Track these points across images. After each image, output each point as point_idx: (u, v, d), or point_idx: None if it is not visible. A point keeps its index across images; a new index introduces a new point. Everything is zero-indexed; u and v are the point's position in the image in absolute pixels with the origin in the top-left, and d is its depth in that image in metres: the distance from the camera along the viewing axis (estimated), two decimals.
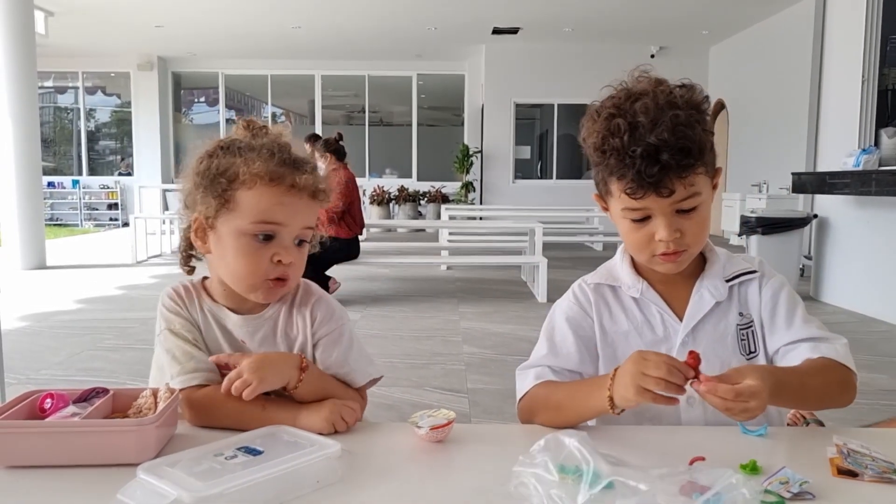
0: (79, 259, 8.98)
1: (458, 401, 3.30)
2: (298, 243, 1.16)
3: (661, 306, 1.22)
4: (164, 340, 1.18)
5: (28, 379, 3.71)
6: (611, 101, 1.12)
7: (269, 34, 12.19)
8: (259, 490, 0.83)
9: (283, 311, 1.21)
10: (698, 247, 1.18)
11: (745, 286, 1.22)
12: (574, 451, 0.80)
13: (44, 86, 14.87)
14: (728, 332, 1.20)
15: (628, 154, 1.06)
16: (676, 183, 1.07)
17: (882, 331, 5.05)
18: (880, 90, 5.91)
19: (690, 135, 1.07)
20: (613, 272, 1.28)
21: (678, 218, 1.12)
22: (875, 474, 0.92)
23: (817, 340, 1.15)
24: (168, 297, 1.21)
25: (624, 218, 1.15)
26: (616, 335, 1.23)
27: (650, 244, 1.14)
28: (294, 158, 1.14)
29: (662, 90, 1.10)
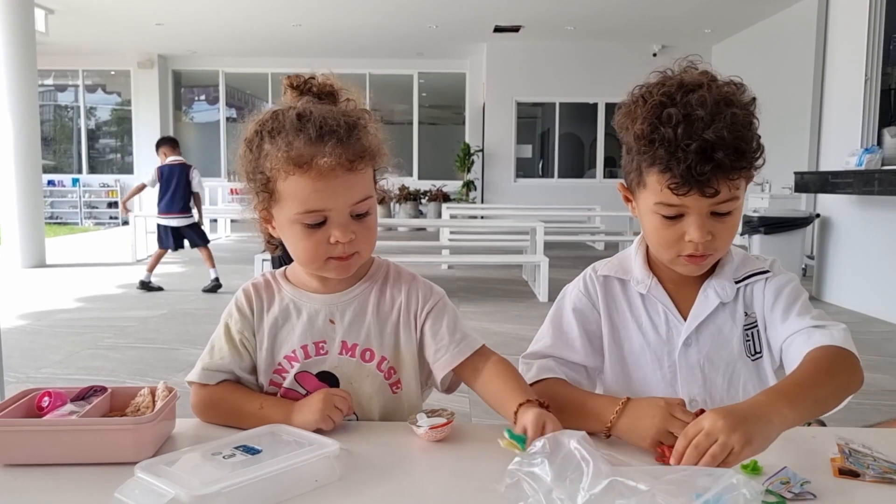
0: (79, 257, 8.98)
1: (459, 400, 3.29)
2: (358, 216, 1.09)
3: (667, 305, 1.19)
4: (219, 327, 1.19)
5: (28, 378, 3.71)
6: (660, 88, 1.06)
7: (270, 32, 12.18)
8: (257, 489, 0.83)
9: (375, 289, 1.18)
10: (724, 251, 1.15)
11: (752, 286, 1.19)
12: (573, 451, 0.80)
13: (44, 84, 14.87)
14: (734, 334, 1.17)
15: (681, 147, 1.00)
16: (723, 184, 1.03)
17: (885, 331, 5.04)
18: (883, 89, 5.89)
19: (748, 136, 1.03)
20: (625, 264, 1.24)
21: (711, 220, 1.07)
22: (876, 475, 0.92)
23: (812, 329, 1.10)
24: (243, 293, 1.19)
25: (655, 213, 1.09)
26: (623, 331, 1.21)
27: (678, 244, 1.09)
28: (320, 129, 1.03)
29: (718, 85, 1.05)
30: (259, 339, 1.17)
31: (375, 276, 1.20)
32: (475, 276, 7.52)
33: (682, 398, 1.03)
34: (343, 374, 1.15)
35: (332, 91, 1.15)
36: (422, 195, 14.00)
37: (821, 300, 6.17)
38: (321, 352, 1.15)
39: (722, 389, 1.16)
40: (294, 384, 1.15)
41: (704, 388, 1.17)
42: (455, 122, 15.52)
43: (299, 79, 1.14)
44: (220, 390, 1.13)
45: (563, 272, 7.05)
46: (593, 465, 0.78)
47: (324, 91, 1.14)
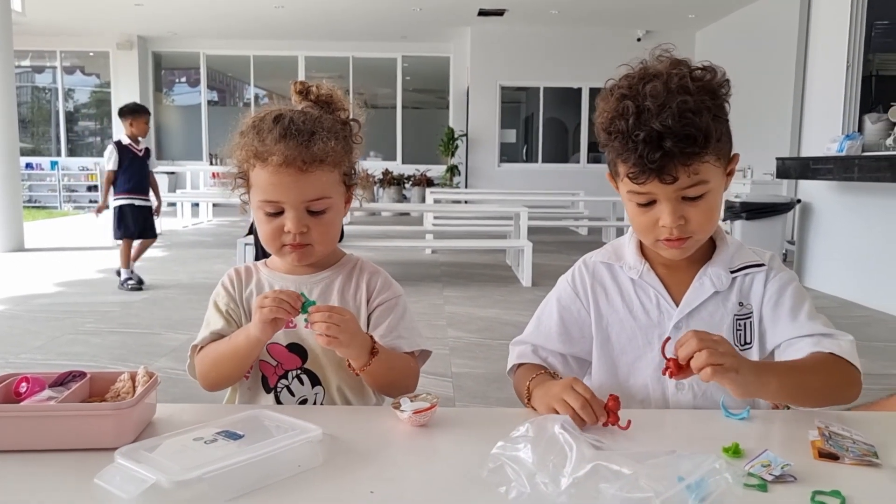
0: (58, 241, 8.87)
1: (443, 385, 3.30)
2: (314, 212, 1.20)
3: (658, 290, 1.21)
4: (209, 308, 1.30)
5: (7, 363, 3.67)
6: (625, 80, 1.10)
7: (251, 13, 12.02)
8: (239, 474, 0.82)
9: (342, 276, 1.30)
10: (704, 234, 1.16)
11: (751, 278, 1.21)
12: (557, 435, 0.80)
13: (21, 65, 14.60)
14: (724, 322, 1.19)
15: (631, 138, 1.05)
16: (680, 170, 1.06)
17: (863, 315, 5.12)
18: (864, 76, 5.94)
19: (697, 122, 1.04)
20: (619, 251, 1.27)
21: (683, 205, 1.10)
22: (855, 457, 0.93)
23: (822, 336, 1.14)
24: (226, 276, 1.33)
25: (630, 201, 1.14)
26: (611, 317, 1.24)
27: (654, 229, 1.13)
28: (285, 130, 1.17)
29: (677, 73, 1.07)
30: (241, 313, 1.29)
31: (344, 266, 1.32)
32: (459, 260, 7.52)
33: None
34: (310, 346, 1.25)
35: (331, 100, 1.27)
36: (405, 180, 13.96)
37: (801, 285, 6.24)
38: (290, 325, 1.23)
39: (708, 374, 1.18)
40: (266, 355, 1.25)
41: None
42: (439, 106, 15.45)
43: (303, 85, 1.27)
44: (208, 346, 1.25)
45: (546, 257, 7.07)
46: (577, 449, 0.79)
47: (321, 98, 1.27)
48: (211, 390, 1.26)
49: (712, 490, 0.75)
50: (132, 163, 5.88)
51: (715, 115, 1.08)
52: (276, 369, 1.25)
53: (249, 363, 1.22)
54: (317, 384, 1.25)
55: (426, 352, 1.31)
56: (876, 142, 5.47)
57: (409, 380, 1.25)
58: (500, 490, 0.79)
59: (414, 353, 1.27)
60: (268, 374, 1.26)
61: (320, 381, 1.25)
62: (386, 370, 1.18)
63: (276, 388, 1.25)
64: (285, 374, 1.25)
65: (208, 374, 1.23)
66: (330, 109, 1.26)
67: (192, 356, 1.27)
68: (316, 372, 1.25)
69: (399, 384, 1.22)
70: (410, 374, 1.25)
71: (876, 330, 4.69)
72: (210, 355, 1.23)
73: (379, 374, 1.18)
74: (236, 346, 1.18)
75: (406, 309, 1.31)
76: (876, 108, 5.79)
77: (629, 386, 1.22)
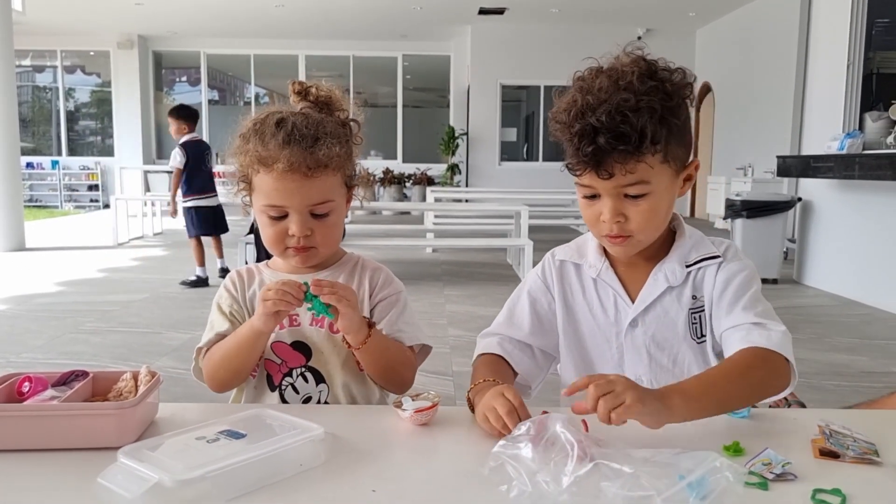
0: (59, 241, 8.87)
1: (443, 383, 3.31)
2: (317, 215, 1.21)
3: (616, 288, 1.22)
4: (213, 310, 1.31)
5: (8, 362, 3.67)
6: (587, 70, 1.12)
7: (251, 12, 12.01)
8: (241, 473, 0.82)
9: (343, 275, 1.31)
10: (646, 235, 1.15)
11: (704, 270, 1.19)
12: (558, 433, 0.80)
13: (21, 64, 14.59)
14: (679, 317, 1.19)
15: (569, 129, 1.07)
16: (616, 167, 1.06)
17: (863, 313, 5.12)
18: (865, 74, 5.93)
19: (633, 121, 1.03)
20: (583, 249, 1.28)
21: (625, 202, 1.11)
22: (856, 455, 0.93)
23: (752, 327, 1.10)
24: (228, 279, 1.34)
25: (578, 193, 1.17)
26: (578, 315, 1.26)
27: (597, 224, 1.15)
28: (288, 135, 1.17)
29: (631, 70, 1.07)
30: (245, 313, 1.29)
31: (345, 265, 1.33)
32: (460, 259, 7.53)
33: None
34: (314, 343, 1.26)
35: (329, 101, 1.27)
36: (406, 178, 13.96)
37: (801, 283, 6.24)
38: (294, 323, 1.26)
39: (667, 370, 1.19)
40: (271, 353, 1.26)
41: (650, 368, 1.20)
42: (439, 104, 15.44)
43: (302, 86, 1.27)
44: (214, 348, 1.25)
45: None
46: (578, 447, 0.79)
47: (320, 99, 1.27)
48: (219, 391, 1.27)
49: (713, 488, 0.75)
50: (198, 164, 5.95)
51: (662, 117, 1.06)
52: (280, 367, 1.26)
53: (255, 358, 1.22)
54: (321, 382, 1.26)
55: (427, 348, 1.32)
56: (877, 140, 5.47)
57: (406, 369, 1.26)
58: (502, 489, 0.79)
59: (413, 347, 1.28)
60: (272, 373, 1.26)
61: (324, 378, 1.26)
62: (382, 352, 1.20)
63: (281, 386, 1.26)
64: (290, 372, 1.26)
65: (216, 373, 1.24)
66: (329, 110, 1.27)
67: (196, 359, 1.27)
68: (320, 369, 1.26)
69: (395, 372, 1.25)
70: (407, 363, 1.26)
71: (876, 328, 4.69)
72: (216, 355, 1.23)
73: (375, 355, 1.20)
74: (241, 341, 1.19)
75: (407, 304, 1.32)
76: (877, 106, 5.78)
77: None
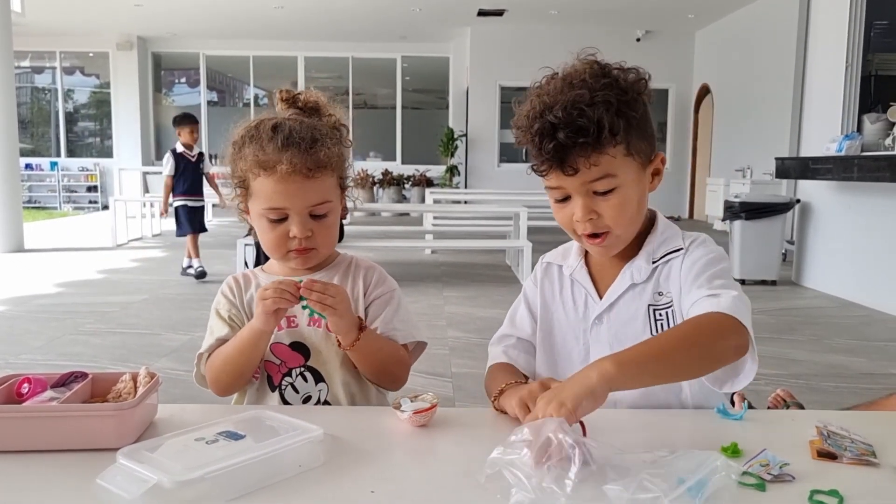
0: (58, 242, 8.87)
1: (442, 385, 3.31)
2: (316, 216, 1.23)
3: (587, 286, 1.25)
4: (211, 316, 1.33)
5: (7, 363, 3.67)
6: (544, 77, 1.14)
7: (251, 14, 12.02)
8: (241, 474, 0.82)
9: (338, 276, 1.33)
10: (623, 230, 1.16)
11: (670, 265, 1.19)
12: (558, 438, 0.80)
13: (20, 66, 14.59)
14: (639, 313, 1.19)
15: (529, 131, 1.10)
16: (580, 161, 1.08)
17: (861, 315, 5.12)
18: (864, 76, 5.94)
19: (589, 114, 1.06)
20: (567, 251, 1.32)
21: (596, 199, 1.13)
22: (854, 456, 0.93)
23: (705, 299, 1.08)
24: (225, 285, 1.36)
25: (549, 198, 1.18)
26: (554, 312, 1.29)
27: (571, 224, 1.17)
28: (286, 139, 1.19)
29: (583, 70, 1.11)
30: (243, 317, 1.32)
31: (339, 265, 1.36)
32: (459, 261, 7.53)
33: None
34: (312, 344, 1.28)
35: (317, 106, 1.31)
36: (405, 180, 13.96)
37: (800, 285, 6.25)
38: (292, 324, 1.28)
39: None
40: (270, 355, 1.28)
41: None
42: (438, 106, 15.45)
43: (289, 94, 1.31)
44: (215, 353, 1.28)
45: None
46: (579, 451, 0.79)
47: (308, 105, 1.30)
48: (223, 395, 1.29)
49: (712, 489, 0.75)
50: (186, 168, 6.45)
51: (619, 110, 1.08)
52: (279, 368, 1.28)
53: (257, 359, 1.25)
54: (320, 381, 1.28)
55: (422, 344, 1.34)
56: (875, 142, 5.47)
57: (398, 368, 1.29)
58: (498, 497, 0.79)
59: (408, 345, 1.31)
60: (272, 373, 1.28)
61: (323, 377, 1.28)
62: (374, 352, 1.23)
63: (281, 386, 1.28)
64: (289, 372, 1.28)
65: (219, 377, 1.26)
66: (318, 115, 1.30)
67: (198, 365, 1.29)
68: (319, 369, 1.28)
69: (388, 370, 1.28)
70: (400, 362, 1.28)
71: (875, 329, 4.70)
72: (218, 359, 1.26)
73: (367, 354, 1.22)
74: (242, 343, 1.22)
75: (401, 302, 1.34)
76: (875, 107, 5.80)
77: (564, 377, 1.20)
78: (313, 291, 1.14)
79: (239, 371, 1.25)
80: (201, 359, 1.29)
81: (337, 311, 1.15)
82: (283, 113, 1.29)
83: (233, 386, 1.28)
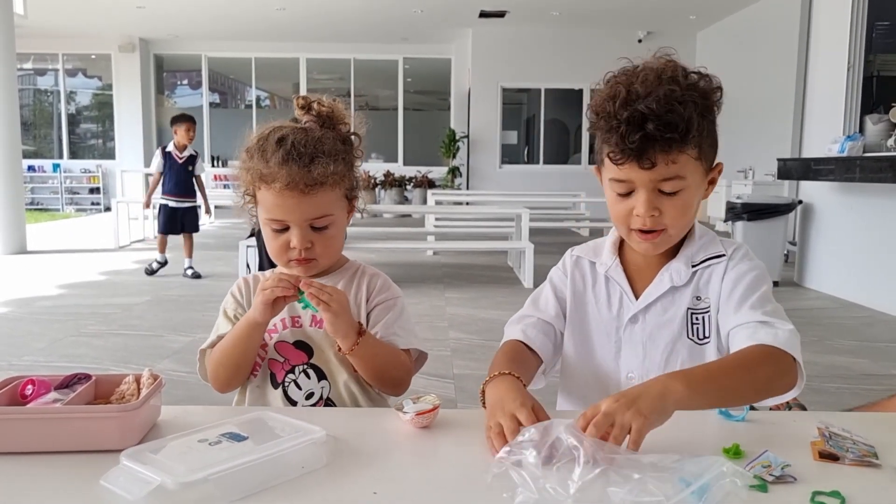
0: (60, 244, 8.88)
1: (444, 386, 3.31)
2: (317, 228, 1.26)
3: (622, 285, 1.25)
4: (219, 316, 1.36)
5: (10, 365, 3.68)
6: (622, 69, 1.14)
7: (253, 16, 12.04)
8: (244, 475, 0.83)
9: (344, 280, 1.35)
10: (677, 231, 1.18)
11: (710, 270, 1.21)
12: (563, 439, 0.80)
13: (23, 68, 14.63)
14: (677, 316, 1.21)
15: (616, 117, 1.08)
16: (659, 156, 1.08)
17: (864, 316, 5.12)
18: (866, 77, 5.94)
19: (680, 111, 1.07)
20: (599, 248, 1.32)
21: (660, 197, 1.13)
22: (855, 457, 0.93)
23: (758, 325, 1.11)
24: (235, 286, 1.39)
25: (610, 188, 1.17)
26: (585, 307, 1.29)
27: (629, 218, 1.16)
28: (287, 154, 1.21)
29: (671, 67, 1.12)
30: None
31: (347, 271, 1.38)
32: (460, 262, 7.53)
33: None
34: (315, 342, 1.31)
35: (331, 115, 1.31)
36: (407, 181, 13.97)
37: (802, 286, 6.24)
38: (296, 325, 1.31)
39: (658, 368, 1.20)
40: (274, 353, 1.31)
41: (643, 364, 1.22)
42: (440, 107, 15.46)
43: (306, 100, 1.31)
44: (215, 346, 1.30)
45: (548, 258, 7.05)
46: (583, 453, 0.79)
47: (322, 114, 1.30)
48: (222, 390, 1.31)
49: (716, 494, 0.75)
50: (171, 168, 6.48)
51: (702, 113, 1.11)
52: (283, 365, 1.30)
53: (251, 352, 1.27)
54: (322, 378, 1.30)
55: (423, 355, 1.36)
56: (877, 142, 5.47)
57: (399, 371, 1.29)
58: (505, 496, 0.79)
59: (410, 351, 1.31)
60: (276, 371, 1.30)
61: (326, 375, 1.30)
62: (372, 356, 1.24)
63: (284, 383, 1.30)
64: (292, 369, 1.30)
65: (217, 371, 1.28)
66: (331, 124, 1.30)
67: (200, 360, 1.33)
68: (321, 367, 1.30)
69: (387, 375, 1.28)
70: (400, 365, 1.28)
71: (878, 331, 4.69)
72: (217, 353, 1.28)
73: (366, 359, 1.23)
74: (238, 334, 1.24)
75: (403, 310, 1.35)
76: (877, 108, 5.79)
77: (594, 379, 1.27)
78: (311, 286, 1.17)
79: (235, 364, 1.27)
80: (203, 354, 1.32)
81: (332, 308, 1.16)
82: (301, 116, 1.30)
83: (231, 380, 1.30)
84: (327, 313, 1.17)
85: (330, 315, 1.17)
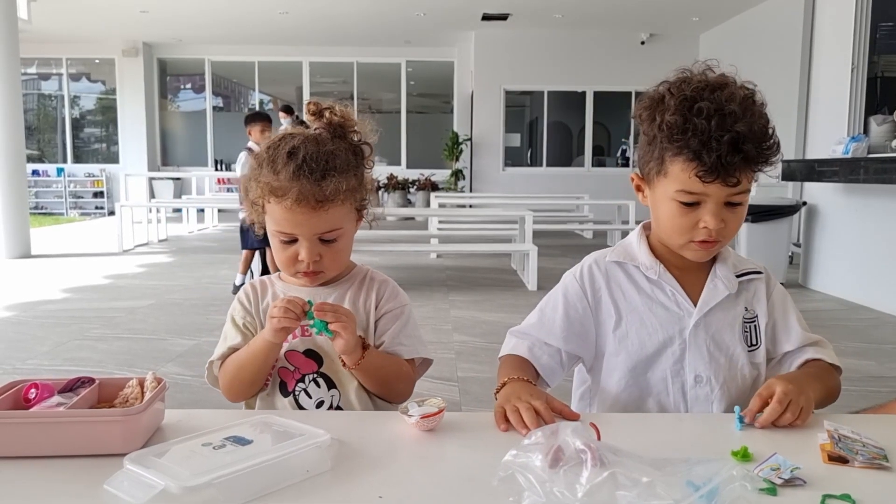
0: (64, 248, 8.90)
1: (449, 389, 3.30)
2: (326, 241, 1.25)
3: (675, 288, 1.27)
4: (226, 323, 1.36)
5: (14, 369, 3.68)
6: (686, 84, 1.15)
7: (256, 19, 12.06)
8: (248, 479, 0.82)
9: (353, 287, 1.35)
10: (729, 240, 1.23)
11: (753, 284, 1.31)
12: (570, 442, 0.80)
13: (27, 72, 14.67)
14: (736, 322, 1.27)
15: (714, 138, 1.09)
16: (744, 175, 1.13)
17: (870, 318, 5.10)
18: (870, 77, 5.93)
19: (769, 132, 1.14)
20: (629, 251, 1.32)
21: (725, 209, 1.17)
22: (865, 460, 0.92)
23: (814, 346, 1.28)
24: (242, 292, 1.38)
25: (674, 200, 1.18)
26: (630, 315, 1.28)
27: (692, 230, 1.18)
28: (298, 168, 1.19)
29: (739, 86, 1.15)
30: (258, 325, 1.34)
31: (355, 277, 1.38)
32: (464, 265, 7.52)
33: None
34: (325, 352, 1.30)
35: (343, 123, 1.29)
36: (410, 184, 13.96)
37: (807, 288, 6.22)
38: (306, 334, 1.29)
39: (724, 369, 1.26)
40: (285, 361, 1.31)
41: (709, 366, 1.26)
42: (443, 110, 15.46)
43: (317, 107, 1.30)
44: (229, 359, 1.31)
45: (551, 261, 7.06)
46: (591, 456, 0.78)
47: (333, 122, 1.29)
48: (236, 401, 1.33)
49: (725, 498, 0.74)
50: None
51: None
52: (294, 374, 1.31)
53: (268, 367, 1.28)
54: (332, 387, 1.31)
55: (427, 360, 1.37)
56: (881, 143, 5.45)
57: (402, 382, 1.31)
58: (511, 500, 0.78)
59: (414, 360, 1.33)
60: (286, 379, 1.31)
61: (335, 384, 1.31)
62: (376, 369, 1.26)
63: (295, 392, 1.30)
64: (302, 378, 1.31)
65: (232, 385, 1.30)
66: (343, 132, 1.29)
67: (209, 370, 1.33)
68: (331, 375, 1.30)
69: (391, 386, 1.30)
70: (403, 376, 1.31)
71: (883, 332, 4.67)
72: (231, 366, 1.29)
73: (370, 372, 1.25)
74: (254, 352, 1.25)
75: (410, 318, 1.36)
76: (881, 109, 5.78)
77: (647, 380, 1.27)
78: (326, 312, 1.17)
79: (251, 378, 1.28)
80: (212, 366, 1.32)
81: (348, 329, 1.17)
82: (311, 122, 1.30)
83: (245, 392, 1.31)
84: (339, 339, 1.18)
85: (341, 340, 1.18)
